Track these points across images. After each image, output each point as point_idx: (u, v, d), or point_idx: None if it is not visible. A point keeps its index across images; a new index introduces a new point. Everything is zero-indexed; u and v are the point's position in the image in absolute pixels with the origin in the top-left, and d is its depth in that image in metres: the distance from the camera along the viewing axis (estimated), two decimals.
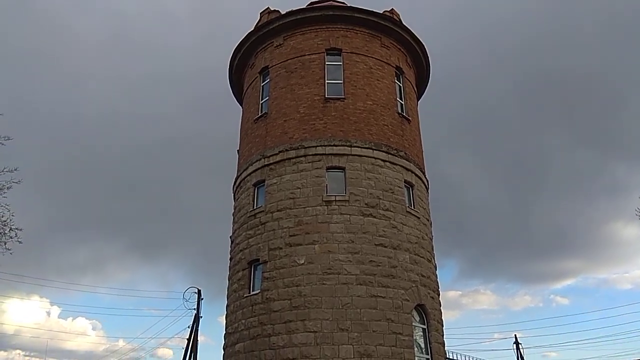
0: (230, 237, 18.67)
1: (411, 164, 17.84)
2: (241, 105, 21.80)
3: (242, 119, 21.01)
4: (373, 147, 16.90)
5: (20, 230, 15.94)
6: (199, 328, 29.82)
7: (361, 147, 16.76)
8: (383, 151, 17.04)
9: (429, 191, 19.40)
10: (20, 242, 15.97)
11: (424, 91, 22.53)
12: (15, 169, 15.53)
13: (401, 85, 19.36)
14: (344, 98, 17.45)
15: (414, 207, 17.17)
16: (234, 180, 19.66)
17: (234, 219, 18.85)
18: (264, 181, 17.25)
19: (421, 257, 16.25)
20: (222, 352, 16.64)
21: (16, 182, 15.86)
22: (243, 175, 18.46)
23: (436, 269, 17.55)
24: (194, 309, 30.08)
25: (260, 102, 19.11)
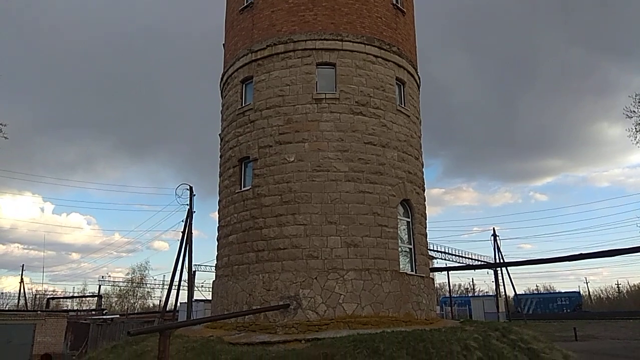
0: (220, 135, 18.62)
1: (404, 61, 17.36)
2: None
3: (226, 9, 19.80)
4: (365, 42, 16.28)
5: (5, 125, 15.71)
6: (192, 223, 31.05)
7: (353, 42, 16.13)
8: (375, 46, 16.45)
9: (420, 89, 19.14)
10: (5, 138, 15.85)
11: None
12: None
13: None
14: None
15: (404, 105, 17.05)
16: (220, 76, 19.09)
17: (222, 116, 18.65)
18: (252, 78, 16.78)
19: (409, 154, 16.53)
20: (217, 243, 17.49)
21: None
22: (230, 72, 17.89)
23: (423, 167, 17.96)
24: (187, 204, 31.08)
25: None
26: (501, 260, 48.47)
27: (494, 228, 51.28)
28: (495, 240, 49.53)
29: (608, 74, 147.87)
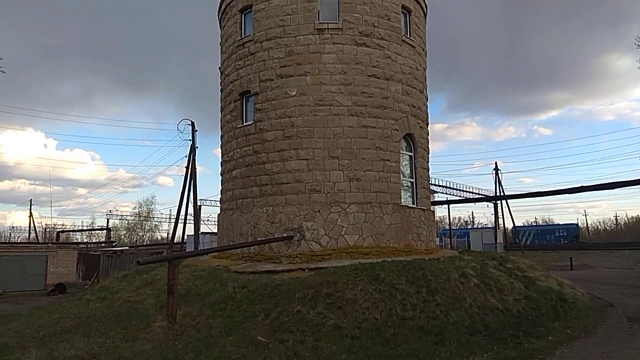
0: (220, 68, 18.20)
1: None
2: None
3: None
4: None
5: (1, 59, 15.39)
6: (196, 158, 31.17)
7: None
8: None
9: (426, 18, 18.40)
10: (3, 72, 15.57)
11: None
12: None
13: None
14: None
15: (409, 36, 16.48)
16: (218, 5, 18.30)
17: (221, 49, 18.12)
18: (251, 6, 16.11)
19: (413, 87, 16.21)
20: (220, 178, 17.68)
21: None
22: (228, 0, 17.14)
23: (427, 100, 17.69)
24: (189, 140, 31.03)
25: None
26: (501, 194, 49.04)
27: (496, 162, 51.47)
28: (496, 174, 49.80)
29: (620, 2, 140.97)
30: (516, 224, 55.55)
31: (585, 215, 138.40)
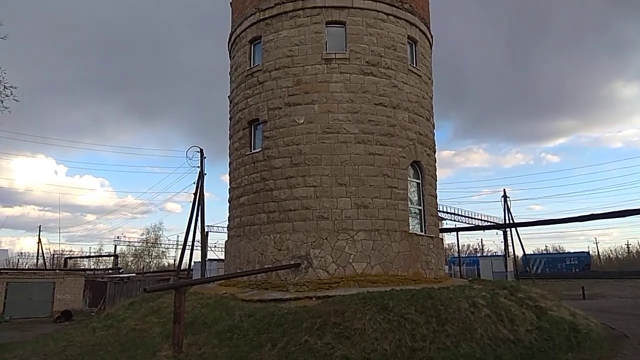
0: (229, 96, 18.52)
1: (416, 18, 16.90)
2: None
3: None
4: None
5: (15, 88, 15.78)
6: (204, 185, 31.36)
7: None
8: (387, 3, 16.00)
9: (432, 48, 18.70)
10: (17, 101, 15.95)
11: None
12: None
13: None
14: None
15: (415, 65, 16.73)
16: (228, 36, 18.79)
17: (231, 78, 18.48)
18: (260, 38, 16.51)
19: (420, 115, 16.35)
20: (228, 204, 17.74)
21: (2, 38, 15.22)
22: (238, 31, 17.59)
23: (434, 128, 17.80)
24: (198, 166, 31.28)
25: None
26: (511, 221, 48.57)
27: (504, 189, 51.14)
28: (505, 201, 49.48)
29: (624, 31, 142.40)
30: (526, 252, 54.76)
31: (597, 243, 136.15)
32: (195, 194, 30.87)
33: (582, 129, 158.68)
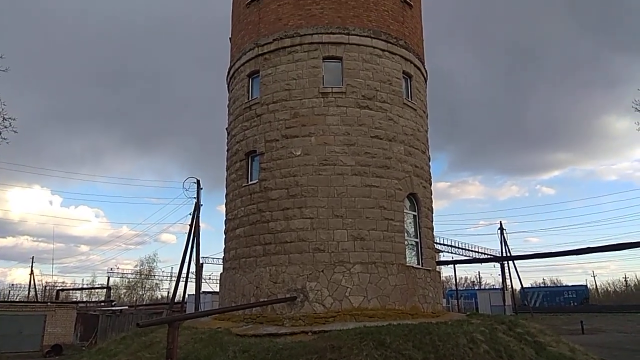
0: (227, 128, 18.70)
1: (410, 54, 17.31)
2: None
3: (233, 3, 19.82)
4: (372, 36, 16.25)
5: (14, 119, 15.92)
6: (200, 216, 31.24)
7: (359, 35, 16.10)
8: (382, 40, 16.42)
9: (427, 82, 19.08)
10: (15, 132, 16.05)
11: None
12: (1, 56, 15.02)
13: None
14: None
15: (411, 99, 17.03)
16: (227, 70, 19.14)
17: (229, 110, 18.72)
18: (258, 72, 16.82)
19: (415, 148, 16.53)
20: (224, 236, 17.63)
21: (3, 70, 15.45)
22: (236, 66, 17.94)
23: (429, 160, 17.96)
24: (194, 197, 31.26)
25: None
26: (508, 254, 48.34)
27: (500, 221, 51.12)
28: (502, 233, 49.41)
29: (616, 66, 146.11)
30: (524, 285, 54.26)
31: (594, 277, 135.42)
32: (190, 225, 30.70)
33: (577, 162, 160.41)
